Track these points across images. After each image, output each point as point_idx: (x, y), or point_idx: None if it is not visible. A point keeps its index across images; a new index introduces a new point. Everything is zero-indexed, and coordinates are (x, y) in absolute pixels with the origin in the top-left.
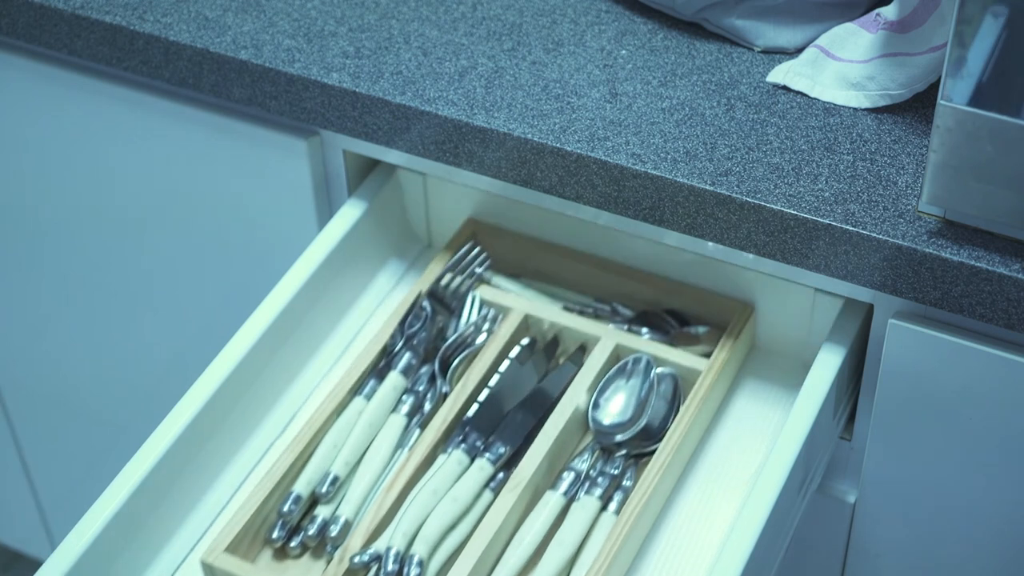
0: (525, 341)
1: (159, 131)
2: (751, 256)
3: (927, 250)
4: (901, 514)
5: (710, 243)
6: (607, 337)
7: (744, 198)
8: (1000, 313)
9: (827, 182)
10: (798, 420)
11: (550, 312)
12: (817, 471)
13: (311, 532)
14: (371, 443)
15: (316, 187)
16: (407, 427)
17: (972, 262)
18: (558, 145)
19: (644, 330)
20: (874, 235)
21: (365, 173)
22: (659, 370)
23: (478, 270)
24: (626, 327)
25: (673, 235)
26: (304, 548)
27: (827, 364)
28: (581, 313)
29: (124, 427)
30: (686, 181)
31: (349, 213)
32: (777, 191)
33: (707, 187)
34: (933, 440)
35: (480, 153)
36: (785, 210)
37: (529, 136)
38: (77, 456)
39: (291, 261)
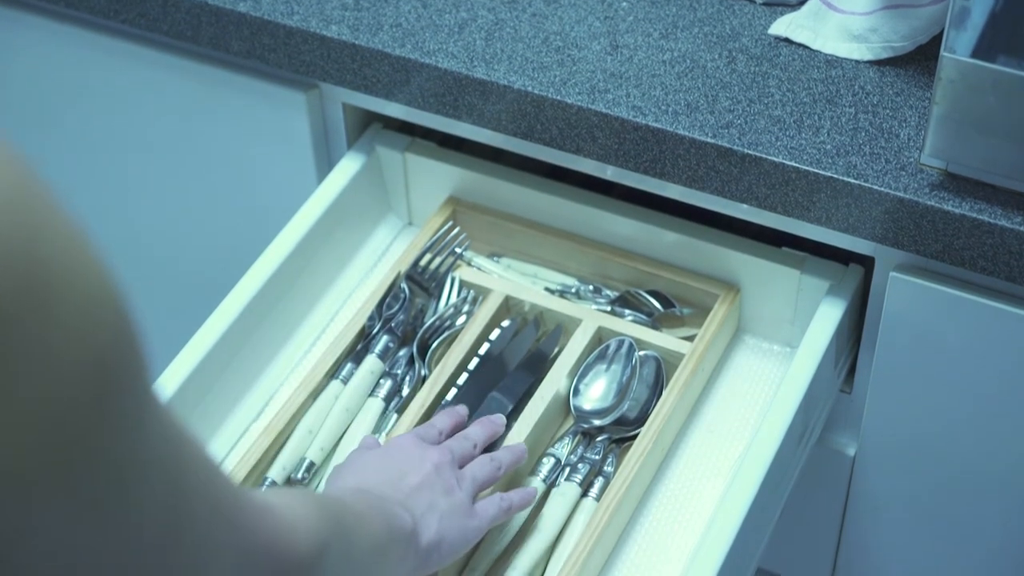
0: (505, 323)
1: (157, 85)
2: (737, 238)
3: (929, 203)
4: (901, 466)
5: (697, 225)
6: (589, 319)
7: (745, 150)
8: (1001, 266)
9: (829, 135)
10: (799, 371)
11: (531, 294)
12: (817, 423)
13: None
14: (348, 428)
15: (315, 140)
16: (385, 411)
17: (974, 215)
18: (559, 98)
19: (627, 312)
20: (876, 188)
21: (364, 127)
22: (642, 353)
23: (457, 250)
24: (608, 309)
25: (675, 188)
26: None
27: (827, 317)
28: (563, 294)
29: None
30: (687, 134)
31: (348, 166)
32: (779, 144)
33: (708, 140)
34: (933, 393)
35: (480, 106)
36: (786, 163)
37: (529, 89)
38: None
39: (289, 215)
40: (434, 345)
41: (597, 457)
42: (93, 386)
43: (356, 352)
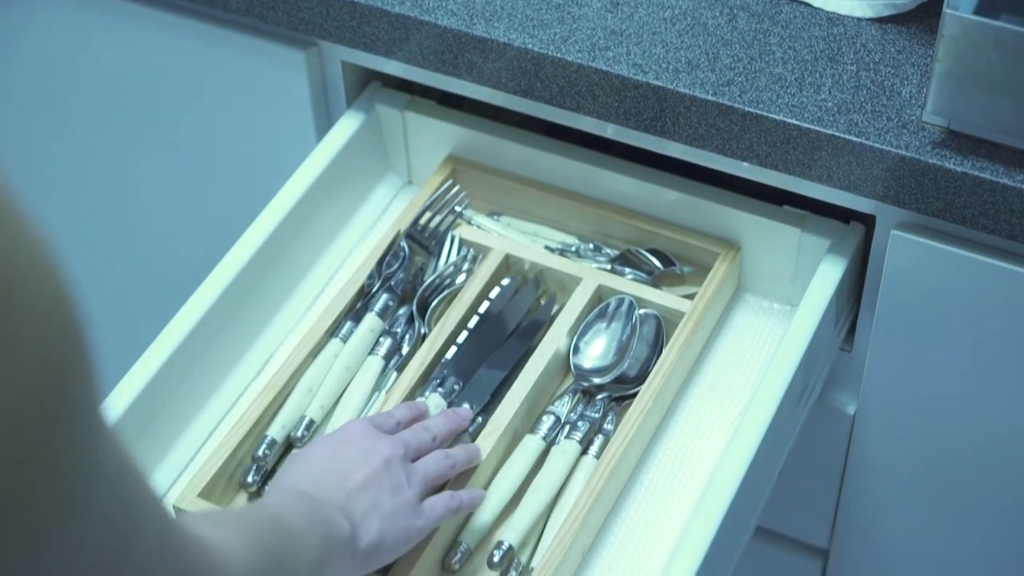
0: (505, 282)
1: (156, 43)
2: (738, 196)
3: (930, 160)
4: (900, 425)
5: (698, 183)
6: (589, 277)
7: (746, 108)
8: (1003, 224)
9: (830, 92)
10: (799, 330)
11: (531, 252)
12: (817, 382)
13: None
14: (347, 386)
15: (314, 99)
16: (384, 370)
17: (976, 172)
18: (559, 55)
19: (627, 270)
20: (877, 145)
21: (364, 85)
22: (642, 311)
23: (457, 209)
24: (609, 267)
25: (675, 146)
26: None
27: (828, 275)
28: (563, 253)
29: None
30: (688, 91)
31: (347, 125)
32: (780, 101)
33: (709, 97)
34: (934, 351)
35: (480, 64)
36: (788, 120)
37: (529, 46)
38: None
39: (288, 174)
40: (434, 303)
41: (597, 415)
42: (43, 400)
43: (356, 310)
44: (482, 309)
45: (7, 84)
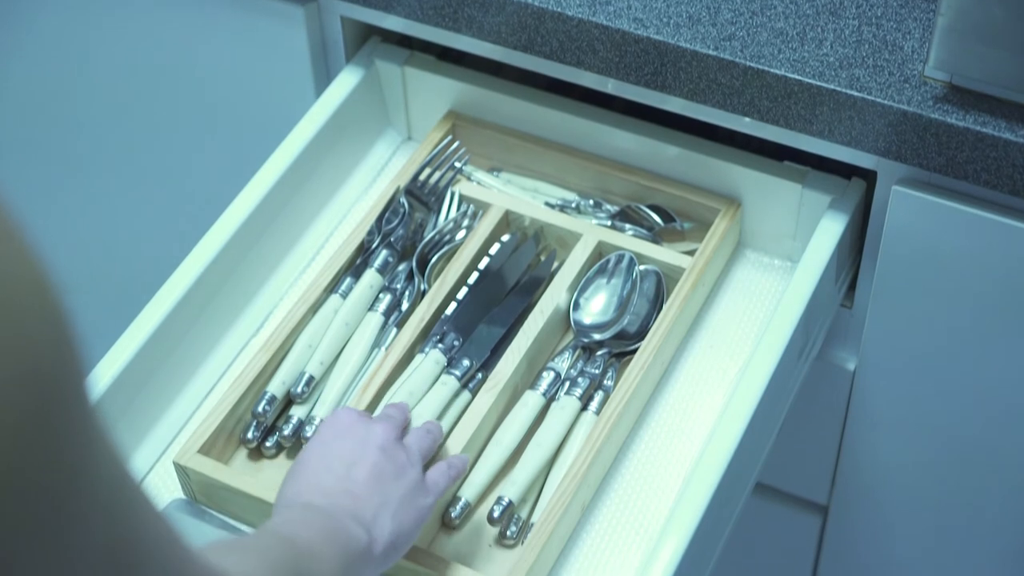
0: (505, 238)
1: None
2: (739, 152)
3: (932, 116)
4: (900, 381)
5: (699, 139)
6: (589, 233)
7: (748, 63)
8: (1005, 179)
9: (832, 47)
10: (799, 286)
11: (531, 208)
12: (817, 338)
13: (286, 432)
14: (347, 342)
15: (313, 55)
16: (384, 326)
17: (978, 128)
18: (559, 10)
19: (627, 226)
20: (879, 100)
21: (363, 40)
22: (642, 267)
23: (457, 165)
24: (609, 223)
25: (676, 101)
26: (279, 448)
27: (829, 231)
28: (563, 209)
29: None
30: (689, 46)
31: (347, 80)
32: (781, 56)
33: (710, 52)
34: (934, 307)
35: (479, 18)
36: (789, 75)
37: (529, 0)
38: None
39: (287, 130)
40: (434, 259)
41: (597, 371)
42: (25, 409)
43: (355, 266)
44: (482, 265)
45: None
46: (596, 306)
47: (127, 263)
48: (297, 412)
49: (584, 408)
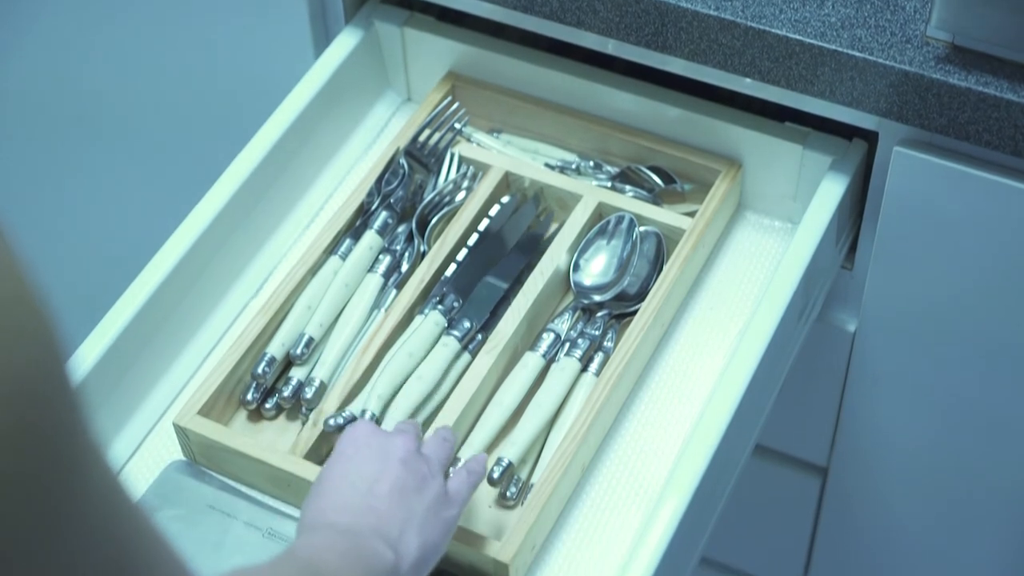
0: (505, 199)
1: None
2: (740, 113)
3: (934, 76)
4: (901, 343)
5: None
6: (589, 195)
7: (749, 23)
8: (1007, 140)
9: (834, 7)
10: (800, 247)
11: (531, 169)
12: (818, 300)
13: (286, 394)
14: (347, 304)
15: (312, 15)
16: (383, 287)
17: (980, 88)
18: None
19: (628, 187)
20: (881, 61)
21: (362, 2)
22: (642, 229)
23: (457, 126)
24: (609, 184)
25: (677, 62)
26: (279, 410)
27: (829, 193)
28: (563, 170)
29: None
30: (689, 6)
31: (346, 41)
32: (783, 16)
33: (711, 12)
34: (935, 269)
35: None
36: (790, 35)
37: None
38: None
39: (286, 91)
40: (433, 221)
41: (597, 333)
42: (15, 430)
43: (355, 228)
44: (482, 227)
45: None
46: (596, 268)
47: (125, 226)
48: (297, 373)
49: (584, 369)
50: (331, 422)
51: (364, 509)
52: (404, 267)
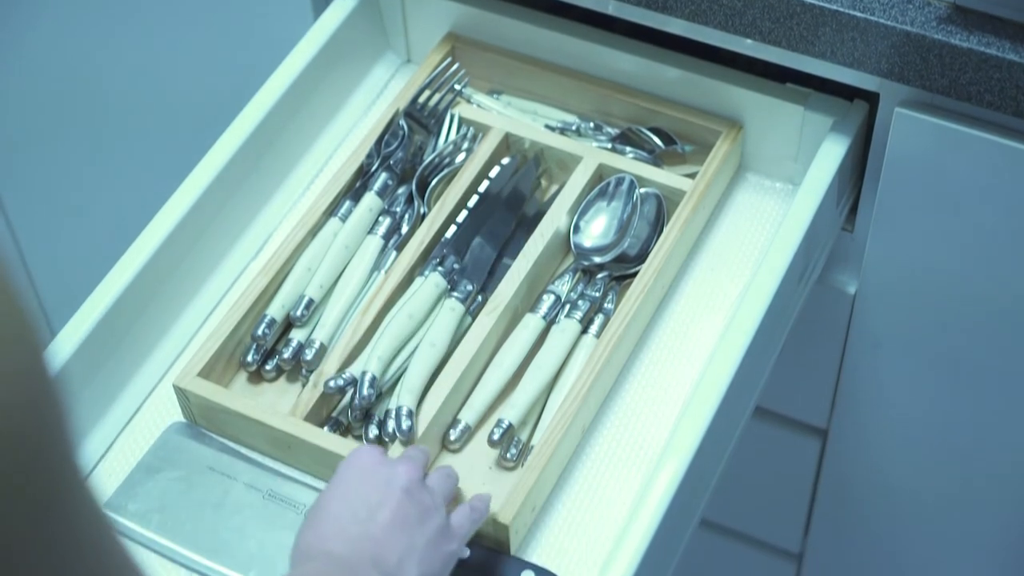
0: (505, 160)
1: None
2: (741, 73)
3: (936, 36)
4: (901, 305)
5: (700, 60)
6: (590, 156)
7: None
8: (1009, 101)
9: None
10: (800, 209)
11: (531, 131)
12: (818, 262)
13: (286, 356)
14: (346, 265)
15: None
16: (383, 249)
17: (982, 48)
18: None
19: (628, 149)
20: (882, 21)
21: None
22: (643, 190)
23: (457, 87)
24: (609, 146)
25: (678, 23)
26: (279, 372)
27: (830, 154)
28: (563, 131)
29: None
30: None
31: (345, 2)
32: None
33: None
34: (936, 230)
35: None
36: None
37: None
38: (76, 254)
39: (285, 53)
40: (433, 183)
41: (597, 294)
42: (4, 471)
43: (355, 190)
44: (482, 188)
45: None
46: (596, 229)
47: (123, 189)
48: (297, 335)
49: (584, 331)
50: (331, 384)
51: (363, 537)
52: (404, 229)
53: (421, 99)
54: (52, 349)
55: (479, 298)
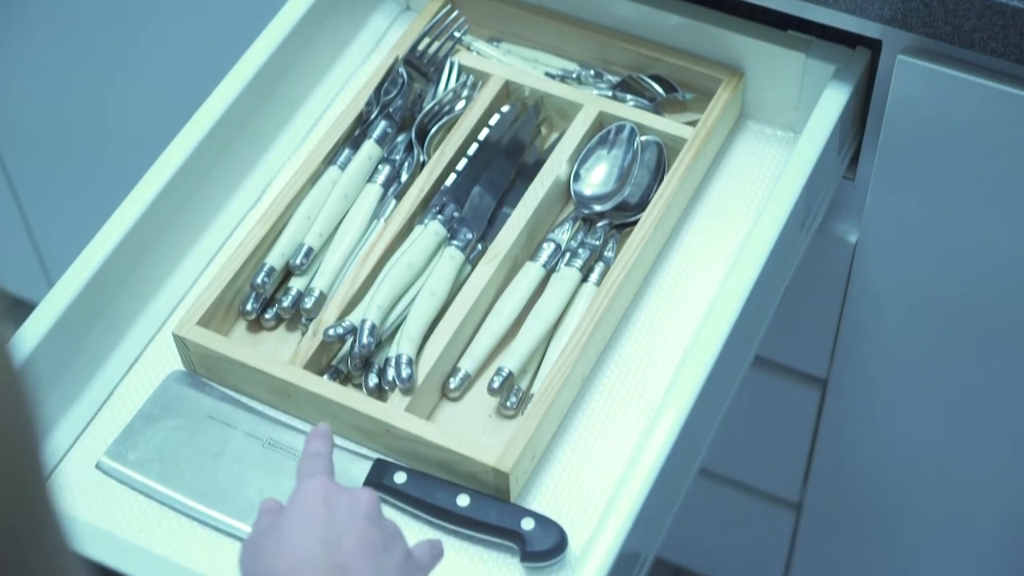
0: (505, 108)
1: None
2: (742, 20)
3: None
4: (902, 253)
5: (701, 7)
6: (590, 104)
7: None
8: (1012, 48)
9: None
10: (802, 157)
11: (531, 78)
12: (819, 210)
13: (285, 304)
14: (346, 214)
15: None
16: (383, 197)
17: None
18: None
19: (628, 97)
20: None
21: None
22: (643, 138)
23: (456, 34)
24: (610, 94)
25: None
26: (278, 320)
27: (832, 102)
28: (563, 79)
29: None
30: None
31: None
32: None
33: None
34: (938, 179)
35: None
36: None
37: None
38: (74, 204)
39: (282, 2)
40: (433, 131)
41: (597, 243)
42: None
43: (354, 138)
44: (481, 136)
45: None
46: (597, 177)
47: (122, 133)
48: (296, 284)
49: (584, 279)
50: (331, 332)
51: (331, 566)
52: (403, 177)
53: (421, 47)
54: (51, 297)
55: (479, 246)
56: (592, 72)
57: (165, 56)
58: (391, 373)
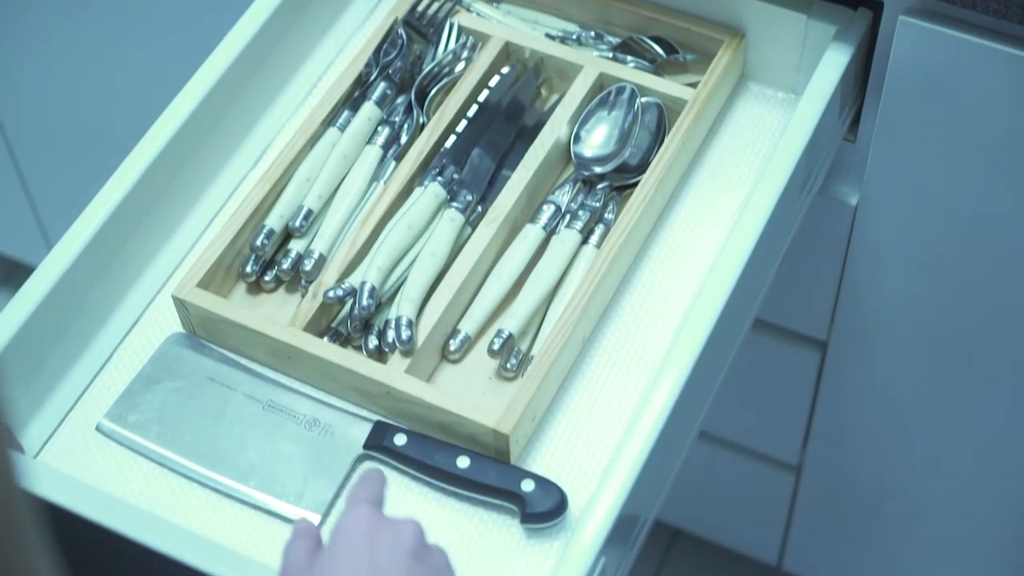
0: (505, 70)
1: None
2: None
3: None
4: (902, 216)
5: None
6: (590, 65)
7: None
8: (1015, 8)
9: None
10: (802, 118)
11: (531, 40)
12: (820, 172)
13: (285, 266)
14: (345, 176)
15: None
16: (383, 159)
17: None
18: None
19: (629, 58)
20: None
21: None
22: (644, 100)
23: None
24: (610, 55)
25: None
26: (278, 282)
27: (833, 63)
28: (564, 41)
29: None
30: None
31: None
32: None
33: None
34: (939, 141)
35: None
36: None
37: None
38: (73, 168)
39: None
40: (432, 92)
41: (598, 204)
42: None
43: (353, 99)
44: (481, 98)
45: None
46: (597, 139)
47: (121, 95)
48: (296, 246)
49: (584, 241)
50: (330, 294)
51: None
52: (403, 139)
53: (420, 7)
54: (49, 260)
55: (479, 208)
56: (592, 33)
57: (163, 18)
58: (391, 335)
